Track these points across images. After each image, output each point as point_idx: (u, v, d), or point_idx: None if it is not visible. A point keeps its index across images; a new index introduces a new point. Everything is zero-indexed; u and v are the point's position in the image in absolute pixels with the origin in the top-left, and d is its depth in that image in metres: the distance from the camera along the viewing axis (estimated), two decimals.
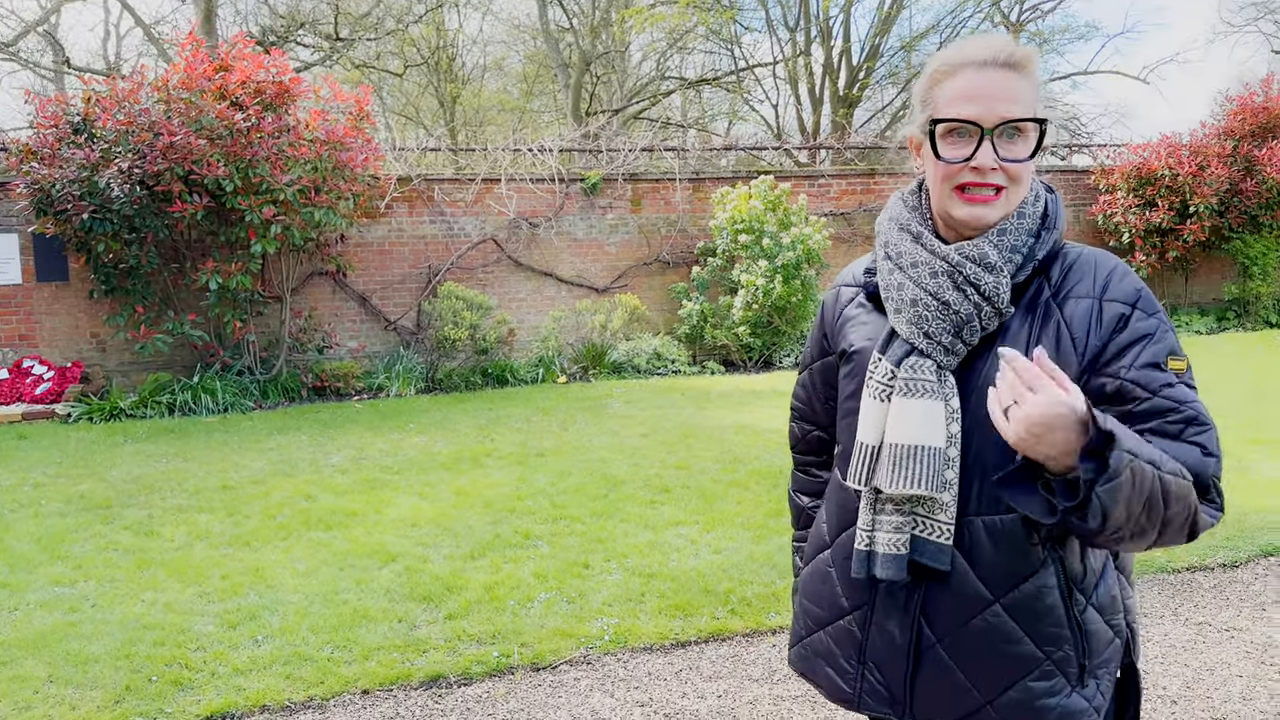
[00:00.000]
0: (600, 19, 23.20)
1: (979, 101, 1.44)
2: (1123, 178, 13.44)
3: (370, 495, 5.97)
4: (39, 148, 8.77)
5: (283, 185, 8.73)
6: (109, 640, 3.92)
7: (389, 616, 4.10)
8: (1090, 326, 1.43)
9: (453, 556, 4.78)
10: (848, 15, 21.87)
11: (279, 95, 9.09)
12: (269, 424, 8.45)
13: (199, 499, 6.03)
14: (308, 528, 5.35)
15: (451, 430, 7.94)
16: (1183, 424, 1.37)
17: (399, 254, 11.03)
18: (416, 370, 10.30)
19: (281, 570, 4.70)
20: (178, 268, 9.57)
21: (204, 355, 9.80)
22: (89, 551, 5.07)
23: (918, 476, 1.45)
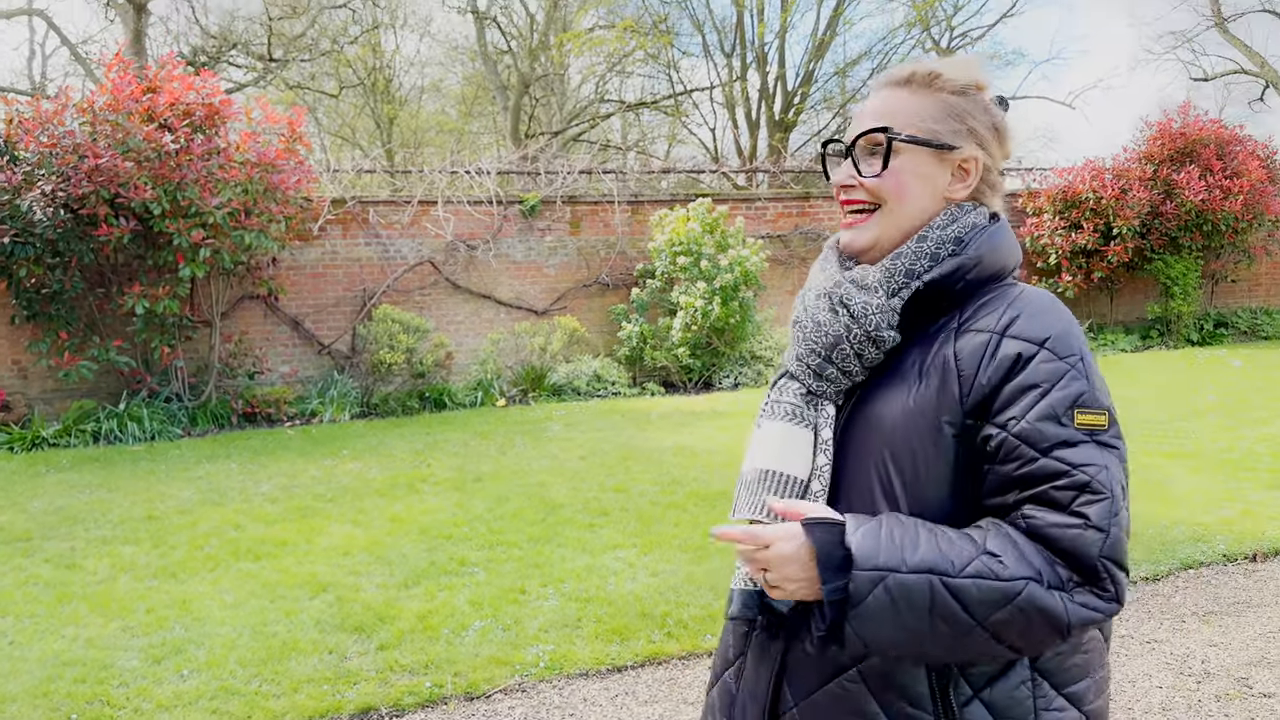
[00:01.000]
0: (539, 42, 23.29)
1: (856, 122, 1.38)
2: (1049, 200, 13.85)
3: (301, 524, 5.86)
4: None
5: (212, 208, 8.57)
6: (27, 678, 3.79)
7: (319, 648, 4.03)
8: (981, 363, 1.23)
9: (386, 585, 4.72)
10: (783, 41, 22.29)
11: (209, 117, 8.94)
12: (197, 452, 8.26)
13: (124, 530, 5.87)
14: (236, 558, 5.23)
15: (387, 456, 7.84)
16: (1073, 491, 1.16)
17: (333, 277, 10.89)
18: (351, 395, 10.15)
19: (209, 602, 4.59)
20: (103, 292, 9.33)
21: (130, 382, 9.54)
22: (7, 586, 4.90)
23: (762, 503, 1.31)
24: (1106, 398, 1.23)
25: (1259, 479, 6.19)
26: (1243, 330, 15.00)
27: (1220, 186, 13.56)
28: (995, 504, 1.23)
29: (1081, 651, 1.28)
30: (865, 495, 1.28)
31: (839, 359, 1.33)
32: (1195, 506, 5.66)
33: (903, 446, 1.26)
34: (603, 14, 23.35)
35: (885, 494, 1.27)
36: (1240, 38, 25.53)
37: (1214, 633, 4.03)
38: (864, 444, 1.30)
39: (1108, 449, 1.20)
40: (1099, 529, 1.16)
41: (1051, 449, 1.18)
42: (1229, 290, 15.59)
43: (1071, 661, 1.27)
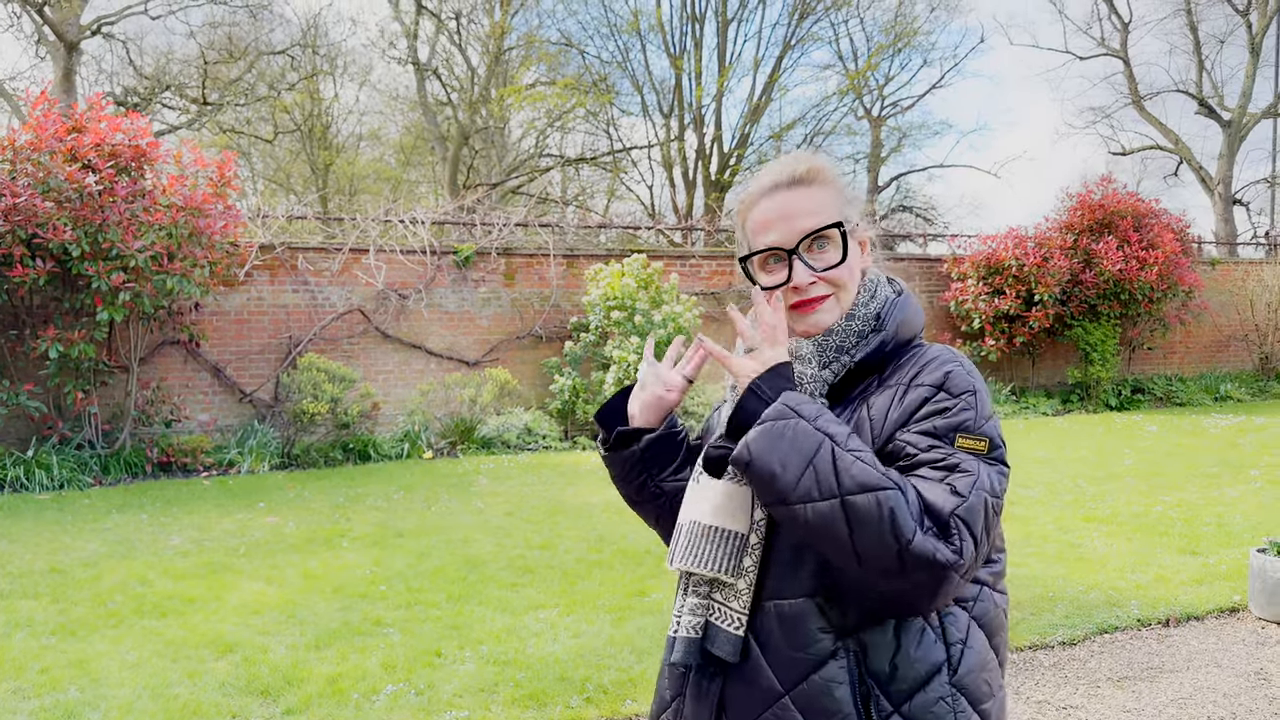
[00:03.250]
0: (479, 95, 23.43)
1: (776, 226, 1.49)
2: (973, 266, 14.25)
3: (211, 580, 5.64)
4: None
5: (134, 251, 8.36)
6: None
7: (222, 712, 3.85)
8: (889, 408, 1.40)
9: (295, 646, 4.55)
10: (719, 105, 22.78)
11: (135, 158, 8.77)
12: (108, 501, 7.94)
13: (22, 583, 5.58)
14: (140, 615, 5.00)
15: (305, 509, 7.63)
16: (945, 470, 1.31)
17: (258, 323, 10.67)
18: (272, 445, 9.89)
19: (109, 661, 4.37)
20: (16, 334, 9.01)
21: (41, 427, 9.18)
22: None
23: (706, 557, 1.42)
24: (992, 429, 1.37)
25: (1172, 543, 6.34)
26: (1158, 396, 15.52)
27: (1137, 257, 14.11)
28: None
29: (988, 669, 1.41)
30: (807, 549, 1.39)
31: None
32: (1110, 571, 5.77)
33: None
34: (544, 70, 23.64)
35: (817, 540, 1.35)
36: (1156, 115, 26.85)
37: (1128, 698, 4.08)
38: None
39: (984, 462, 1.33)
40: (960, 495, 1.29)
41: (927, 449, 1.34)
42: (1146, 357, 16.16)
43: (982, 677, 1.40)
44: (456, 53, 23.92)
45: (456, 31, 23.37)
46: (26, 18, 19.24)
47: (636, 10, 21.95)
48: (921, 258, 15.35)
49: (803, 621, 1.38)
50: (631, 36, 22.33)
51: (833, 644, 1.37)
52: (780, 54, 22.87)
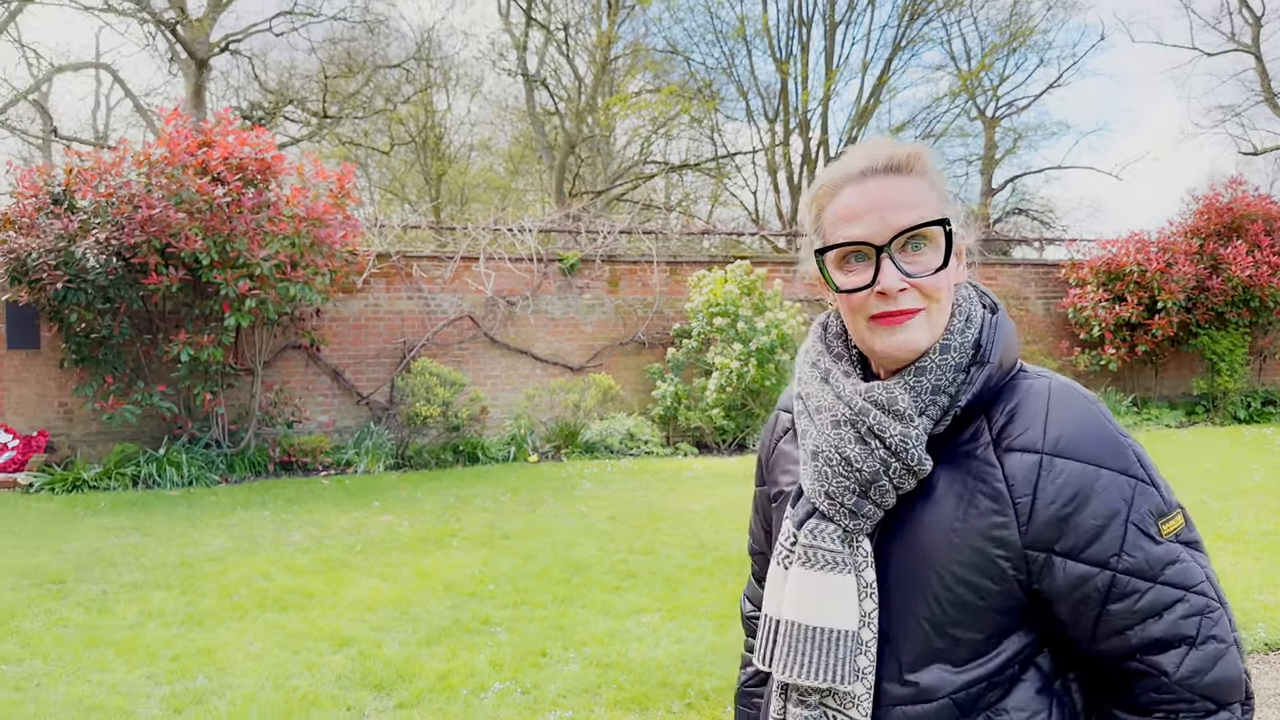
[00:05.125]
0: (586, 104, 23.74)
1: (865, 217, 1.21)
2: (1092, 272, 13.73)
3: (329, 576, 5.88)
4: (17, 217, 8.82)
5: (259, 260, 8.78)
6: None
7: (338, 704, 4.01)
8: (1037, 491, 1.15)
9: (408, 642, 4.70)
10: (826, 108, 22.52)
11: (261, 171, 9.20)
12: (233, 499, 8.35)
13: (155, 575, 5.92)
14: (263, 608, 5.25)
15: (418, 509, 7.87)
16: (1197, 617, 1.13)
17: (374, 329, 11.06)
18: (386, 446, 10.24)
19: (233, 652, 4.60)
20: (150, 339, 9.55)
21: (172, 427, 9.71)
22: (39, 628, 4.95)
23: (816, 665, 1.21)
24: (1169, 490, 1.19)
25: None
26: None
27: (1268, 262, 13.37)
28: (1108, 646, 1.17)
29: None
30: (917, 632, 1.20)
31: (876, 495, 1.21)
32: (1236, 591, 5.48)
33: (949, 577, 1.18)
34: (649, 78, 23.80)
35: (935, 628, 1.19)
36: None
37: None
38: (907, 577, 1.21)
39: (1194, 547, 1.17)
40: (1231, 643, 1.14)
41: (1161, 572, 1.14)
42: (1277, 368, 15.27)
43: None
44: (564, 63, 24.32)
45: (564, 42, 23.74)
46: (161, 37, 20.41)
47: (743, 16, 21.91)
48: (1038, 263, 14.86)
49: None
50: (737, 42, 22.30)
51: None
52: (889, 56, 22.50)
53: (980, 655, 1.18)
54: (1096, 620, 1.15)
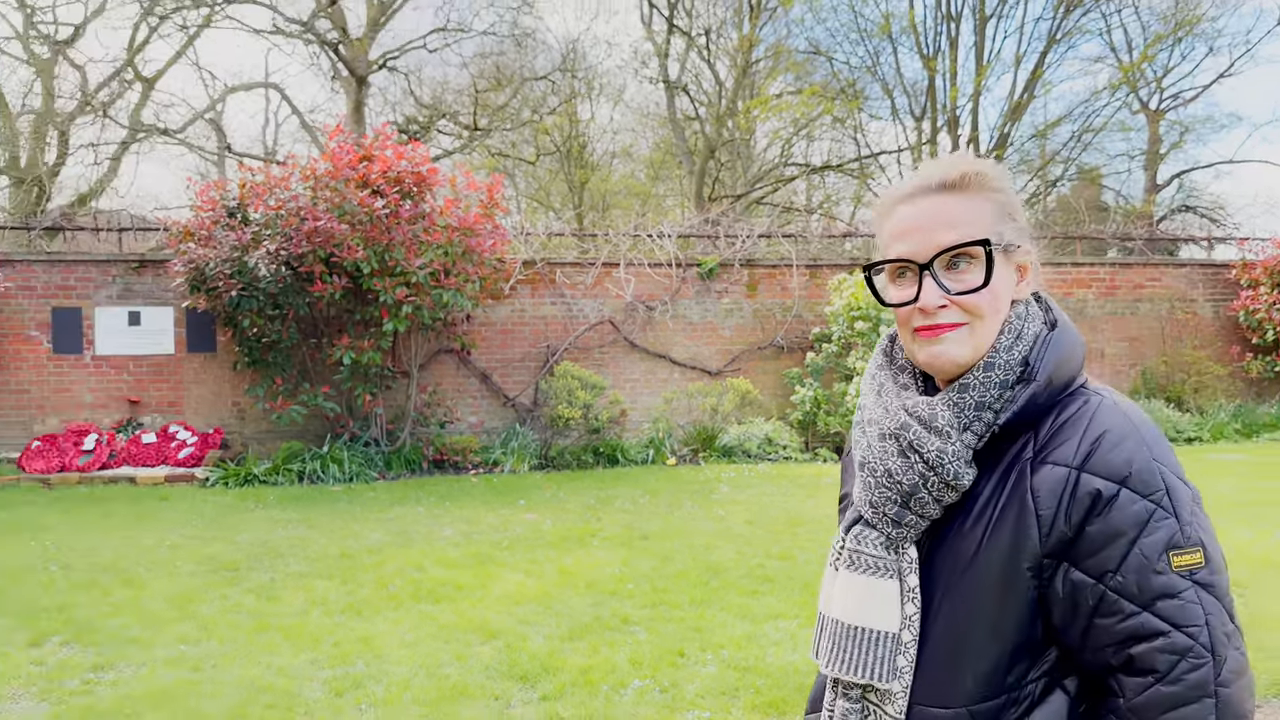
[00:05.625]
0: (726, 108, 23.76)
1: (912, 236, 1.28)
2: (1266, 272, 12.80)
3: (478, 570, 6.12)
4: (196, 229, 9.54)
5: (415, 268, 9.21)
6: (225, 700, 4.12)
7: (486, 693, 4.18)
8: (1060, 503, 1.18)
9: (551, 636, 4.85)
10: (975, 105, 21.79)
11: (417, 184, 9.64)
12: (390, 495, 8.78)
13: (319, 566, 6.29)
14: (417, 599, 5.51)
15: (560, 508, 8.07)
16: (1175, 656, 1.14)
17: (520, 334, 11.42)
18: (531, 447, 10.55)
19: (389, 640, 4.85)
20: (315, 343, 10.14)
21: (335, 426, 10.28)
22: (214, 612, 5.35)
23: (856, 663, 1.28)
24: (1198, 530, 1.17)
25: None
26: None
27: None
28: (1093, 658, 1.20)
29: None
30: (951, 637, 1.25)
31: (917, 506, 1.27)
32: None
33: (983, 587, 1.22)
34: (790, 80, 23.61)
35: (965, 635, 1.24)
36: None
37: None
38: (946, 585, 1.26)
39: (1207, 589, 1.16)
40: (1208, 695, 1.13)
41: (1152, 602, 1.15)
42: None
43: None
44: (705, 68, 24.40)
45: (705, 47, 23.83)
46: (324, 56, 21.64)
47: (888, 14, 21.44)
48: (1206, 263, 13.95)
49: None
50: (882, 40, 21.85)
51: None
52: (1044, 49, 21.56)
53: (1000, 669, 1.22)
54: (1085, 631, 1.18)
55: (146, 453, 10.04)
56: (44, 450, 9.85)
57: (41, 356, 10.45)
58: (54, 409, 10.46)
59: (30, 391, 10.43)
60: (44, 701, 4.14)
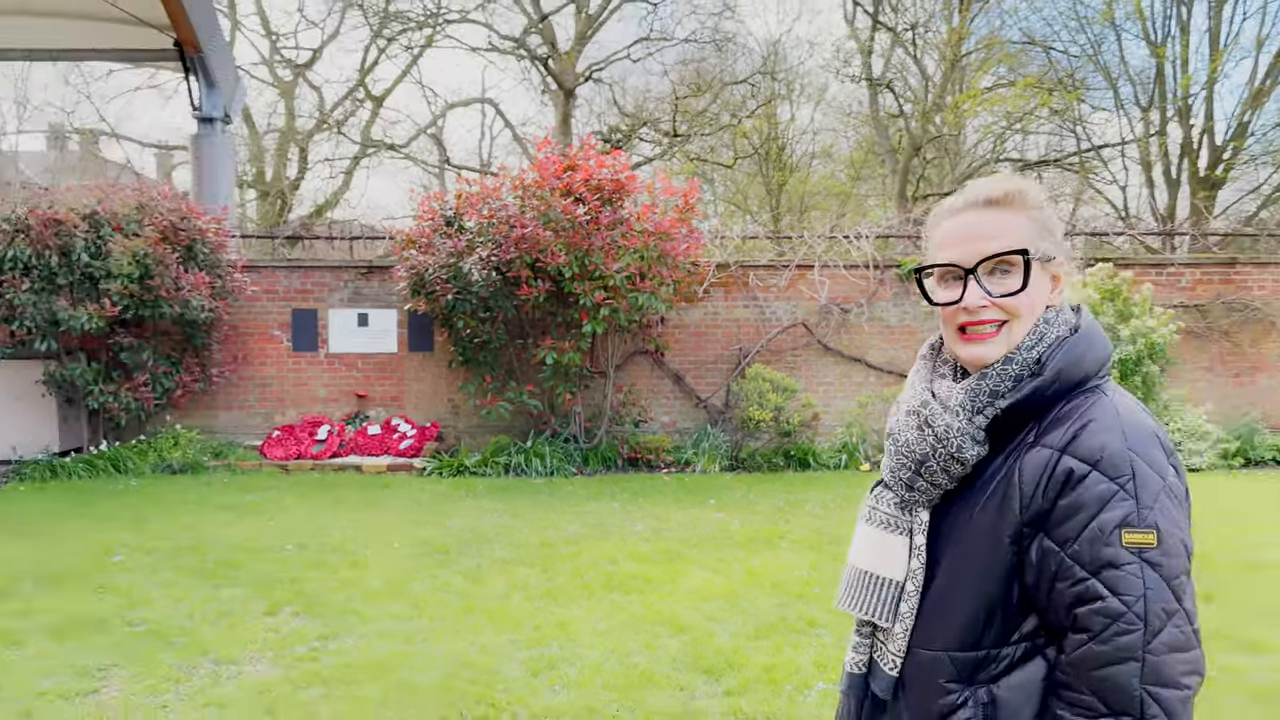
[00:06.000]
0: (933, 103, 23.00)
1: (958, 245, 1.47)
2: None
3: (667, 565, 6.27)
4: (417, 237, 10.26)
5: (613, 272, 9.52)
6: (433, 673, 4.46)
7: (671, 684, 4.31)
8: (1040, 481, 1.36)
9: (737, 634, 4.92)
10: (1210, 92, 20.02)
11: (616, 191, 9.97)
12: (587, 489, 9.12)
13: (521, 553, 6.65)
14: (609, 590, 5.73)
15: (749, 510, 8.13)
16: (1107, 619, 1.29)
17: (713, 336, 11.55)
18: (722, 448, 10.65)
19: (582, 626, 5.08)
20: (521, 344, 10.68)
21: (538, 422, 10.79)
22: (426, 591, 5.77)
23: (864, 602, 1.51)
24: (1157, 515, 1.31)
25: None
26: None
27: None
28: (1054, 619, 1.37)
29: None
30: (943, 590, 1.46)
31: (927, 474, 1.47)
32: None
33: (972, 548, 1.42)
34: (1003, 72, 22.56)
35: (953, 588, 1.44)
36: None
37: None
38: (949, 547, 1.46)
39: (1153, 567, 1.30)
40: (1134, 659, 1.28)
41: (1098, 570, 1.31)
42: None
43: None
44: (911, 63, 23.73)
45: (912, 42, 23.17)
46: (535, 71, 22.66)
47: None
48: None
49: (935, 671, 1.45)
50: (1104, 27, 20.49)
51: (960, 697, 1.42)
52: None
53: (979, 621, 1.41)
54: (1048, 594, 1.36)
55: (371, 443, 10.89)
56: (283, 439, 10.89)
57: (282, 354, 11.55)
58: (292, 402, 11.53)
59: (272, 385, 11.55)
60: (276, 666, 4.61)
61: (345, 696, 4.21)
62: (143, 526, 7.38)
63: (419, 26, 21.50)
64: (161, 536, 7.07)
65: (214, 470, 10.04)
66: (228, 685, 4.34)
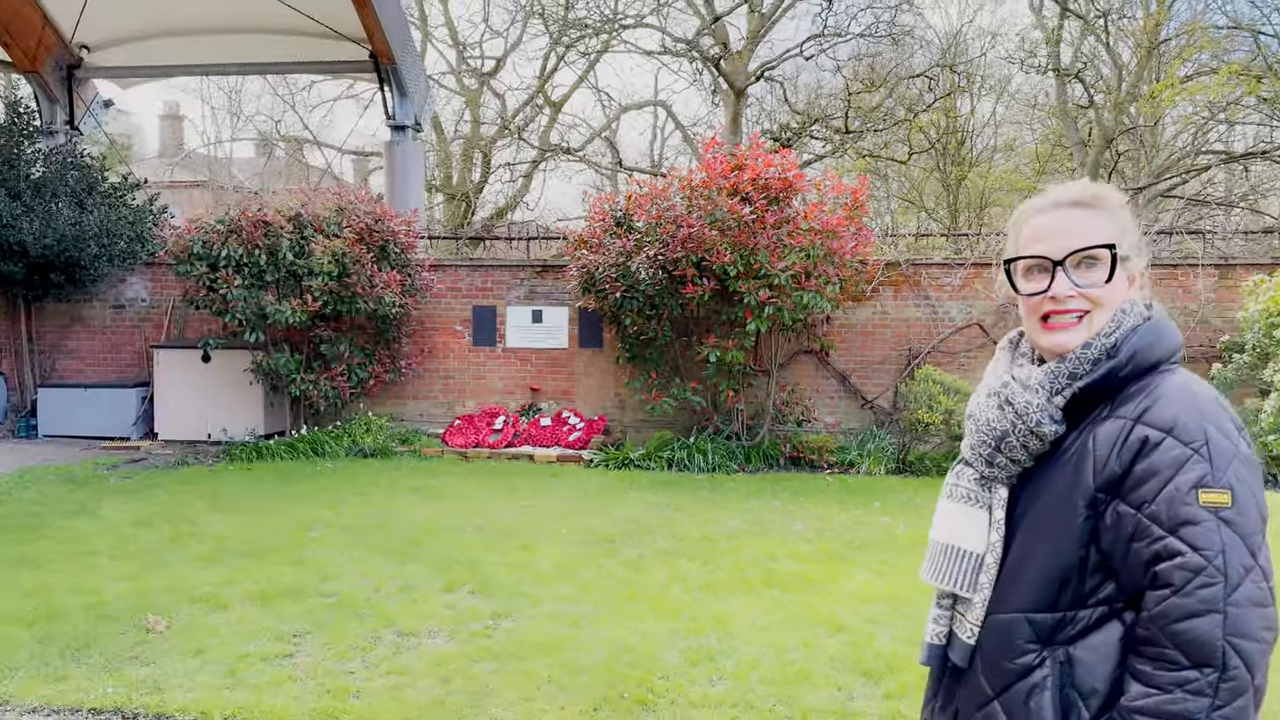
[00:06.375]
0: (1127, 94, 21.65)
1: (1048, 239, 1.58)
2: None
3: (828, 565, 6.26)
4: (589, 238, 10.59)
5: (778, 271, 9.53)
6: (596, 655, 4.65)
7: (829, 683, 4.33)
8: (1113, 448, 1.44)
9: (898, 638, 4.88)
10: None
11: (783, 189, 9.96)
12: (748, 487, 9.17)
13: (682, 546, 6.79)
14: (768, 586, 5.78)
15: (916, 514, 7.97)
16: (1188, 573, 1.35)
17: (880, 336, 11.34)
18: (888, 450, 10.45)
19: (741, 621, 5.16)
20: (685, 341, 10.84)
21: (700, 419, 10.92)
22: (591, 577, 5.99)
23: (944, 573, 1.61)
24: (1232, 478, 1.38)
25: None
26: None
27: None
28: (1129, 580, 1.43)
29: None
30: (1024, 561, 1.54)
31: (1006, 450, 1.57)
32: None
33: (1048, 514, 1.51)
34: (1205, 59, 20.97)
35: (1030, 552, 1.52)
36: None
37: None
38: (1027, 521, 1.55)
39: (1229, 525, 1.37)
40: (1216, 611, 1.34)
41: (1177, 528, 1.37)
42: None
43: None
44: (1103, 52, 22.41)
45: (1104, 30, 21.88)
46: (706, 72, 22.78)
47: None
48: None
49: (1012, 634, 1.52)
50: None
51: (1037, 657, 1.49)
52: None
53: (1054, 581, 1.48)
54: (1124, 555, 1.42)
55: (543, 434, 11.32)
56: (463, 428, 11.47)
57: (464, 348, 12.17)
58: (472, 393, 12.13)
59: (454, 378, 12.19)
60: (453, 640, 4.93)
61: (515, 671, 4.46)
62: (338, 506, 7.98)
63: (596, 33, 22.04)
64: (354, 515, 7.63)
65: (401, 455, 10.71)
66: (408, 655, 4.68)
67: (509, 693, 4.24)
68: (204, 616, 5.18)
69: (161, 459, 10.52)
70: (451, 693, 4.24)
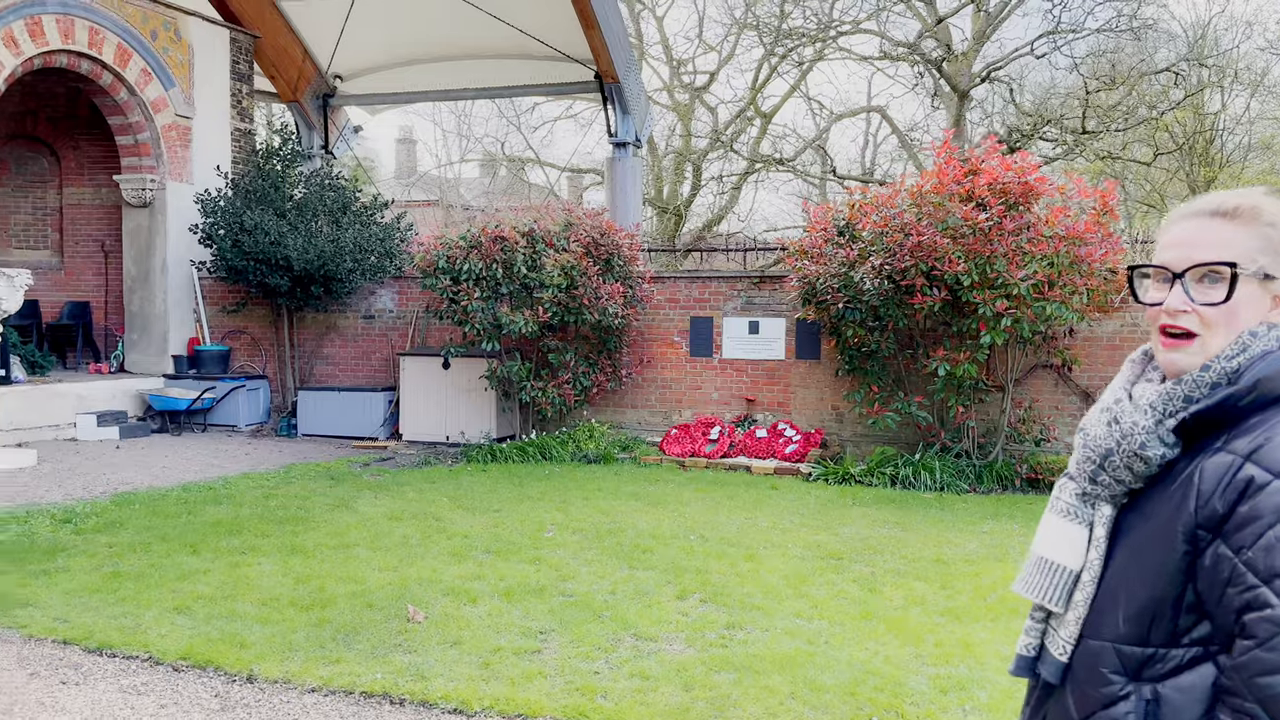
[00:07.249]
0: None
1: (1175, 249, 1.49)
2: None
3: None
4: (809, 248, 10.45)
5: (1017, 280, 9.03)
6: (838, 674, 4.54)
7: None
8: (1219, 484, 1.35)
9: None
10: None
11: (1022, 194, 9.44)
12: (982, 508, 8.74)
13: (914, 567, 6.55)
14: (1016, 615, 5.45)
15: None
16: (1275, 627, 1.26)
17: (1130, 350, 10.48)
18: None
19: (989, 649, 4.90)
20: (910, 354, 10.47)
21: (926, 435, 10.51)
22: (823, 594, 5.88)
23: (1039, 587, 1.55)
24: None
25: None
26: None
27: None
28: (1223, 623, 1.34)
29: None
30: (1118, 588, 1.47)
31: (1110, 469, 1.49)
32: None
33: (1147, 541, 1.43)
34: None
35: (1125, 580, 1.45)
36: None
37: None
38: (1128, 545, 1.48)
39: None
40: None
41: (1271, 579, 1.28)
42: None
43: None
44: None
45: None
46: (926, 75, 22.07)
47: None
48: None
49: (1101, 661, 1.46)
50: None
51: (1123, 689, 1.43)
52: None
53: (1146, 614, 1.40)
54: (1220, 599, 1.34)
55: (759, 445, 11.26)
56: (679, 437, 11.59)
57: (681, 358, 12.30)
58: (689, 403, 12.24)
59: (672, 387, 12.35)
60: (690, 647, 4.95)
61: (755, 685, 4.42)
62: (567, 508, 8.25)
63: (811, 41, 21.84)
64: (583, 518, 7.86)
65: (622, 462, 10.95)
66: (649, 660, 4.74)
67: (751, 706, 4.21)
68: (457, 609, 5.47)
69: (407, 458, 11.26)
70: (695, 701, 4.26)
